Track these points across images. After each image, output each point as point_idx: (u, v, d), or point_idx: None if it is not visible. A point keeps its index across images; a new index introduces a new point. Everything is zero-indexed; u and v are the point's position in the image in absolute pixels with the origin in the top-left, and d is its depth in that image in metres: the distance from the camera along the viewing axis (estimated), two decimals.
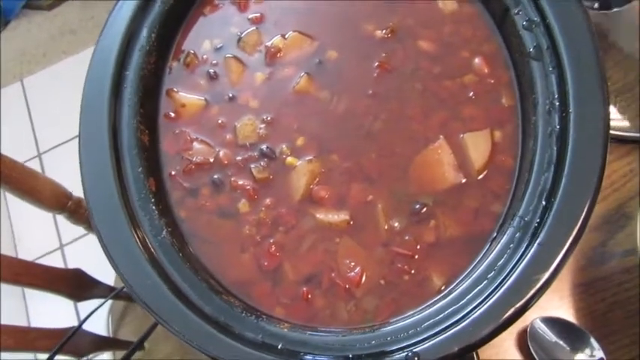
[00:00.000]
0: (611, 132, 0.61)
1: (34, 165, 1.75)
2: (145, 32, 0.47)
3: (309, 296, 0.39)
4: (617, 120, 0.62)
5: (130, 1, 0.47)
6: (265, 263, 0.41)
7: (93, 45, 0.47)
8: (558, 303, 0.56)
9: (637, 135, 0.61)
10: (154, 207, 0.41)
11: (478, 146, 0.42)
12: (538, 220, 0.35)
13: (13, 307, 1.55)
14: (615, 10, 0.64)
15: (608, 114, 0.37)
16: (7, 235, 1.68)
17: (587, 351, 0.51)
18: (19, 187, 0.82)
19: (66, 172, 0.94)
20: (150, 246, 0.39)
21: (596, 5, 0.64)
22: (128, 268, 0.38)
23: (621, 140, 0.62)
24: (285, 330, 0.36)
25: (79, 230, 0.95)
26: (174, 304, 0.36)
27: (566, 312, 0.56)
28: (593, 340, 0.52)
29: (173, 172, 0.45)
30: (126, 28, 0.46)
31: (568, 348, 0.51)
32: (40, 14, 2.10)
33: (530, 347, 0.52)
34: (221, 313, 0.36)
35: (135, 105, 0.44)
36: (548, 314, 0.55)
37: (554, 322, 0.53)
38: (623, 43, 0.65)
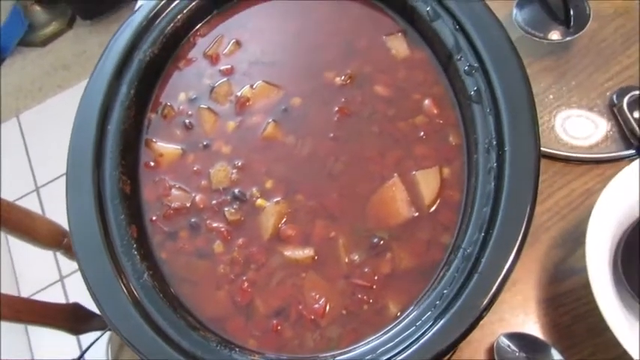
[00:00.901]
0: (569, 153, 0.65)
1: (31, 199, 1.79)
2: (124, 89, 0.51)
3: (279, 328, 0.43)
4: (577, 140, 0.66)
5: (110, 60, 0.52)
6: (239, 299, 0.44)
7: (86, 79, 0.51)
8: (524, 319, 0.60)
9: (593, 156, 0.65)
10: (135, 252, 0.45)
11: (429, 183, 0.46)
12: (478, 251, 0.39)
13: (16, 341, 1.58)
14: (569, 38, 0.69)
15: (539, 152, 0.41)
16: (8, 267, 1.71)
17: None
18: (16, 228, 0.86)
19: (64, 205, 0.99)
20: (132, 289, 0.42)
21: (554, 36, 0.69)
22: (113, 310, 0.42)
23: (579, 161, 0.66)
24: None
25: None
26: (155, 341, 0.40)
27: (531, 327, 0.59)
28: (555, 352, 0.55)
29: (154, 218, 0.49)
30: (106, 86, 0.51)
31: None
32: (34, 51, 2.16)
33: None
34: (197, 347, 0.40)
35: (116, 157, 0.48)
36: (514, 330, 0.59)
37: (518, 337, 0.57)
38: (582, 65, 0.70)
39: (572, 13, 0.67)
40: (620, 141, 0.65)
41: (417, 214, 0.45)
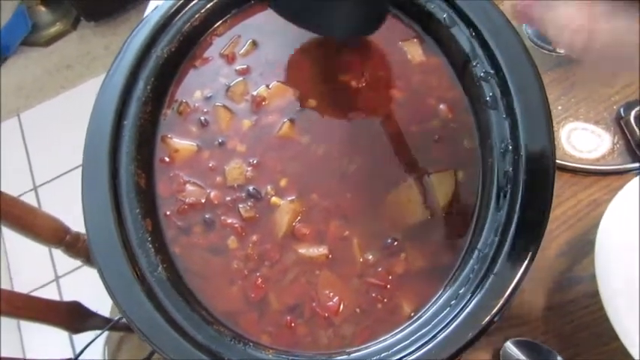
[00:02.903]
0: (577, 164, 0.66)
1: (30, 197, 1.78)
2: (141, 85, 0.52)
3: (293, 324, 0.43)
4: (583, 153, 0.67)
5: (127, 56, 0.52)
6: (252, 295, 0.45)
7: (89, 79, 0.52)
8: (529, 326, 0.60)
9: (600, 168, 0.66)
10: (150, 245, 0.45)
11: (443, 186, 0.46)
12: (493, 253, 0.40)
13: (8, 340, 1.56)
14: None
15: (554, 157, 0.42)
16: (3, 267, 1.69)
17: None
18: (18, 224, 0.85)
19: (61, 205, 0.98)
20: (147, 281, 0.43)
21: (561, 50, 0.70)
22: (127, 303, 0.42)
23: (586, 172, 0.67)
24: (270, 356, 0.40)
25: (74, 263, 0.97)
26: (169, 334, 0.40)
27: (537, 335, 0.60)
28: None
29: (168, 212, 0.49)
30: (124, 81, 0.51)
31: None
32: (36, 50, 2.16)
33: None
34: (212, 341, 0.40)
35: (132, 152, 0.49)
36: (520, 337, 0.59)
37: (524, 344, 0.57)
38: (590, 78, 0.71)
39: None
40: (626, 154, 0.66)
41: (430, 216, 0.45)
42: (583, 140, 0.68)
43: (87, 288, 1.04)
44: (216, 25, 0.57)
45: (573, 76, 0.70)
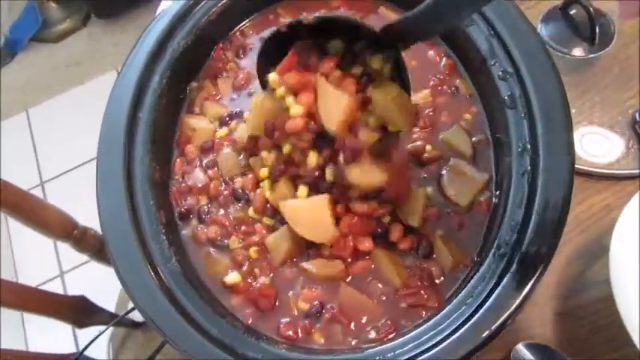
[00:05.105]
0: (590, 169, 0.66)
1: (36, 193, 1.78)
2: (156, 78, 0.52)
3: (308, 322, 0.43)
4: (595, 157, 0.67)
5: (143, 49, 0.52)
6: (267, 292, 0.44)
7: (97, 77, 0.52)
8: (540, 330, 0.60)
9: (614, 172, 0.66)
10: (164, 237, 0.45)
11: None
12: (511, 252, 0.39)
13: (12, 334, 1.56)
14: (593, 55, 0.69)
15: (573, 158, 0.41)
16: (9, 262, 1.70)
17: None
18: (28, 216, 0.85)
19: (67, 200, 0.98)
20: (160, 273, 0.42)
21: (578, 52, 0.70)
22: (140, 293, 0.41)
23: (600, 176, 0.66)
24: (284, 350, 0.40)
25: (79, 258, 0.97)
26: (182, 326, 0.40)
27: (547, 338, 0.59)
28: None
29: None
30: (139, 74, 0.51)
31: None
32: (46, 46, 2.16)
33: None
34: (226, 334, 0.40)
35: (147, 144, 0.48)
36: (530, 340, 0.58)
37: (535, 348, 0.57)
38: (605, 82, 0.70)
39: (597, 30, 0.68)
40: None
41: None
42: (596, 144, 0.67)
43: (91, 284, 1.04)
44: (233, 21, 0.57)
45: (588, 80, 0.70)
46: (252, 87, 0.54)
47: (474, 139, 0.48)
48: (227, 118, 0.52)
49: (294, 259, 0.45)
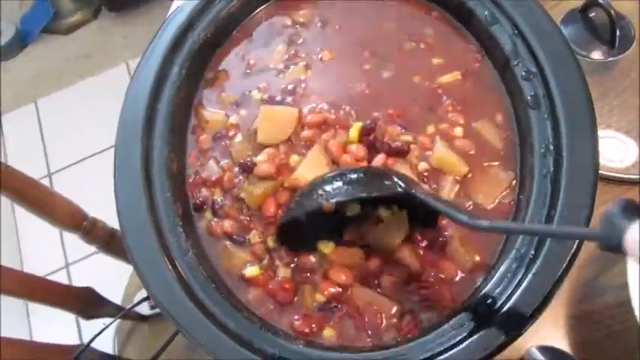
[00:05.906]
0: (608, 173, 0.65)
1: (44, 184, 1.79)
2: (176, 69, 0.51)
3: (322, 319, 0.43)
4: (614, 162, 0.66)
5: (163, 40, 0.52)
6: (285, 286, 0.44)
7: (107, 69, 0.51)
8: (554, 333, 0.59)
9: (633, 177, 0.65)
10: (181, 229, 0.44)
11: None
12: (533, 253, 0.39)
13: (16, 325, 1.57)
14: (612, 59, 0.69)
15: (597, 159, 0.41)
16: (15, 253, 1.70)
17: None
18: (37, 206, 0.85)
19: (75, 192, 0.98)
20: (178, 266, 0.42)
21: (597, 55, 0.69)
22: (156, 284, 0.41)
23: (618, 181, 0.66)
24: (301, 346, 0.39)
25: (85, 250, 0.97)
26: (198, 318, 0.39)
27: (561, 342, 0.59)
28: None
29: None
30: (159, 65, 0.50)
31: None
32: (56, 38, 2.17)
33: None
34: (242, 329, 0.39)
35: (165, 136, 0.48)
36: (544, 343, 0.58)
37: (549, 351, 0.56)
38: (624, 86, 0.70)
39: (617, 33, 0.67)
40: None
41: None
42: (613, 148, 0.67)
43: (97, 277, 1.04)
44: (255, 12, 0.57)
45: (607, 83, 0.69)
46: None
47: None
48: (236, 106, 0.52)
49: None
